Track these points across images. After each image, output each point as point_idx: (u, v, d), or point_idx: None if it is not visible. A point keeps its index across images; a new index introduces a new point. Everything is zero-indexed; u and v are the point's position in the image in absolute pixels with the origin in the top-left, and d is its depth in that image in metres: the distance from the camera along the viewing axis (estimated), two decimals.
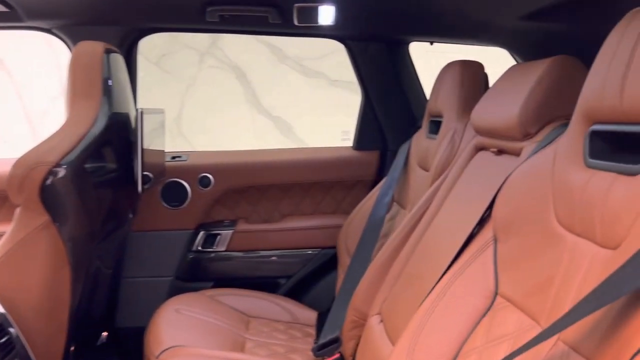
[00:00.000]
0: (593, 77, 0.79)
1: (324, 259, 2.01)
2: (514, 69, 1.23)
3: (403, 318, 1.17)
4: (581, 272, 0.75)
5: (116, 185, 1.60)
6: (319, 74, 4.88)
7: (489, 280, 0.96)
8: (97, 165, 1.46)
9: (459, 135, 1.43)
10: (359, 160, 2.03)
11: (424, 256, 1.23)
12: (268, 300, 1.91)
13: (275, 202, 2.04)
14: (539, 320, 0.81)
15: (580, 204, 0.77)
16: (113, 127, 1.49)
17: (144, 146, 1.54)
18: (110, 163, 1.54)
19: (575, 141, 0.83)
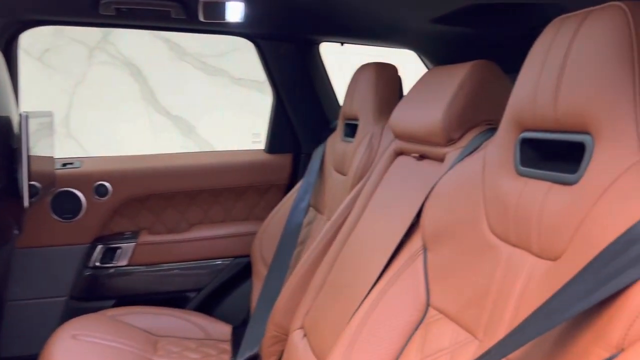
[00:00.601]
0: (523, 84, 0.78)
1: (236, 269, 1.91)
2: (431, 73, 1.21)
3: (330, 332, 1.11)
4: (519, 283, 0.73)
5: None
6: (221, 71, 4.73)
7: (420, 292, 0.93)
8: None
9: (377, 139, 1.41)
10: (272, 163, 1.96)
11: (348, 266, 1.19)
12: (177, 316, 1.77)
13: (181, 211, 1.91)
14: (476, 334, 0.78)
15: (514, 213, 0.76)
16: None
17: (29, 153, 1.35)
18: None
19: (505, 149, 0.82)
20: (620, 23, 0.63)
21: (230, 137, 4.56)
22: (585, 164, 0.66)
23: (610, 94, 0.63)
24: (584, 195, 0.64)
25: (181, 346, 1.64)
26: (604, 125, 0.63)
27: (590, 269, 0.57)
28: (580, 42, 0.67)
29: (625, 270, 0.53)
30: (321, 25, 1.78)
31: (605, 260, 0.55)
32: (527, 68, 0.78)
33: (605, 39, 0.64)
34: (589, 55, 0.66)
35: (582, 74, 0.66)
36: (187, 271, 1.90)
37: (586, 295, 0.55)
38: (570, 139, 0.69)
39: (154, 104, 4.70)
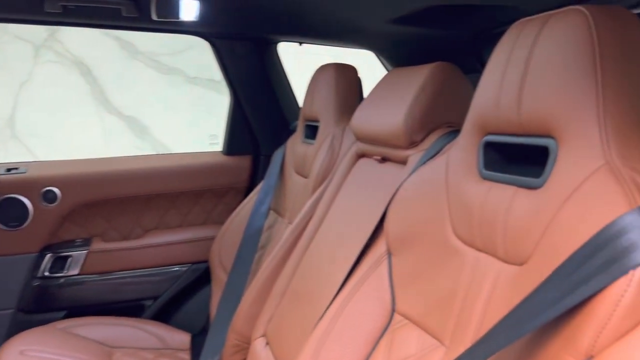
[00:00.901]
0: (485, 87, 0.77)
1: (194, 276, 1.85)
2: (392, 75, 1.20)
3: (293, 340, 1.09)
4: (485, 288, 0.72)
5: None
6: (175, 70, 4.61)
7: (385, 297, 0.91)
8: None
9: (338, 141, 1.39)
10: (230, 166, 1.91)
11: (312, 271, 1.16)
12: (132, 326, 1.71)
13: (135, 216, 1.83)
14: (443, 340, 0.78)
15: (479, 218, 0.75)
16: None
17: None
18: None
19: (468, 152, 0.81)
20: (582, 27, 0.63)
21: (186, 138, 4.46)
22: (549, 168, 0.66)
23: (573, 98, 0.63)
24: (549, 200, 0.64)
25: (138, 357, 1.58)
26: (568, 130, 0.63)
27: (558, 275, 0.56)
28: (542, 46, 0.67)
29: (592, 277, 0.52)
30: (279, 24, 1.75)
31: (572, 266, 0.55)
32: (489, 71, 0.77)
33: (567, 43, 0.64)
34: (551, 59, 0.65)
35: (544, 78, 0.66)
36: (143, 279, 1.84)
37: (555, 302, 0.55)
38: (534, 143, 0.69)
39: (105, 104, 4.55)
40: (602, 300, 0.52)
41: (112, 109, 4.55)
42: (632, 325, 0.50)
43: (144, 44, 4.45)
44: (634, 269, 0.50)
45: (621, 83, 0.62)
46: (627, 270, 0.50)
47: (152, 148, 4.60)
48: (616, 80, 0.61)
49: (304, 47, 1.94)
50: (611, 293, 0.51)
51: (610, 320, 0.51)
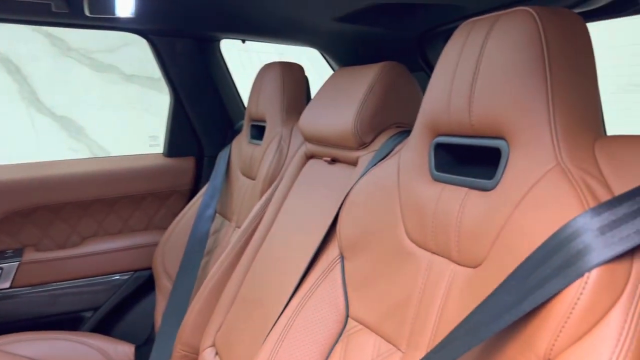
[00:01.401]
0: (436, 88, 0.77)
1: (137, 284, 1.77)
2: (339, 75, 1.19)
3: (245, 349, 1.05)
4: (440, 291, 0.72)
5: None
6: (111, 68, 4.43)
7: (339, 303, 0.90)
8: None
9: (286, 141, 1.36)
10: (172, 168, 1.84)
11: (262, 277, 1.13)
12: (72, 340, 1.61)
13: (72, 223, 1.74)
14: (399, 345, 0.77)
15: (432, 220, 0.74)
16: None
17: None
18: None
19: (419, 154, 0.81)
20: (530, 29, 0.63)
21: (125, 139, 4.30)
22: (501, 169, 0.66)
23: (524, 100, 0.63)
24: (502, 202, 0.64)
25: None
26: (519, 132, 0.63)
27: (515, 278, 0.56)
28: (492, 47, 0.67)
29: (549, 281, 0.52)
30: (221, 21, 1.69)
31: (529, 269, 0.55)
32: (439, 72, 0.77)
33: (516, 44, 0.64)
34: (501, 61, 0.65)
35: (495, 79, 0.66)
36: (81, 289, 1.74)
37: (512, 306, 0.54)
38: (485, 144, 0.68)
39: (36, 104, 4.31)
40: (559, 303, 0.52)
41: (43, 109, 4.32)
42: (588, 328, 0.50)
43: (76, 41, 4.24)
44: (588, 272, 0.50)
45: (569, 84, 0.62)
46: (582, 272, 0.50)
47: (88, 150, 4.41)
48: (565, 81, 0.62)
49: (248, 44, 1.90)
50: (567, 296, 0.51)
51: (567, 323, 0.51)
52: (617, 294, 0.50)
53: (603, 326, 0.49)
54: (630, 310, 0.49)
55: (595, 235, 0.51)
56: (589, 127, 0.62)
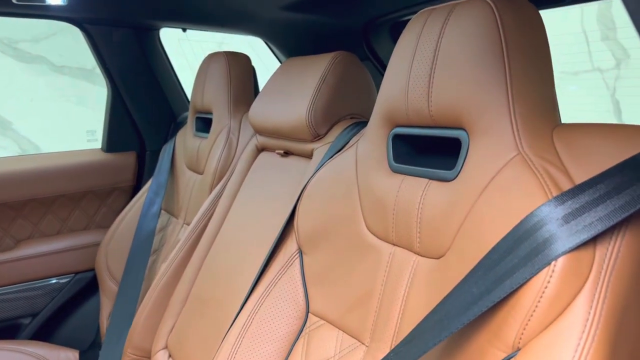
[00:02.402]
0: (392, 79, 0.76)
1: (78, 287, 1.68)
2: (289, 65, 1.16)
3: (200, 350, 1.02)
4: (403, 283, 0.72)
5: None
6: (39, 58, 4.18)
7: (299, 298, 0.88)
8: None
9: (235, 134, 1.32)
10: (112, 163, 1.75)
11: (216, 275, 1.09)
12: (9, 349, 1.51)
13: (4, 226, 1.62)
14: (362, 339, 0.76)
15: (393, 212, 0.74)
16: None
17: None
18: None
19: (376, 145, 0.80)
20: (488, 19, 0.63)
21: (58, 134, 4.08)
22: (462, 159, 0.66)
23: (483, 90, 0.63)
24: (464, 192, 0.64)
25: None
26: (479, 122, 0.63)
27: (481, 268, 0.56)
28: (449, 37, 0.66)
29: (516, 270, 0.53)
30: (160, 9, 1.62)
31: (495, 259, 0.55)
32: (395, 62, 0.76)
33: (473, 35, 0.64)
34: (459, 51, 0.65)
35: (453, 70, 0.65)
36: (17, 294, 1.63)
37: (481, 297, 0.54)
38: (445, 135, 0.68)
39: None
40: (527, 292, 0.52)
41: None
42: (556, 315, 0.51)
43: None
44: (555, 260, 0.51)
45: (527, 73, 0.63)
46: (549, 261, 0.51)
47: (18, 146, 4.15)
48: (523, 71, 0.62)
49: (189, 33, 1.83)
50: (535, 284, 0.52)
51: (535, 311, 0.51)
52: (582, 280, 0.51)
53: (570, 312, 0.50)
54: (595, 295, 0.50)
55: (559, 224, 0.52)
56: (547, 115, 0.62)
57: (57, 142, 3.94)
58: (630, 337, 0.51)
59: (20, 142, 4.20)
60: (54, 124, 4.16)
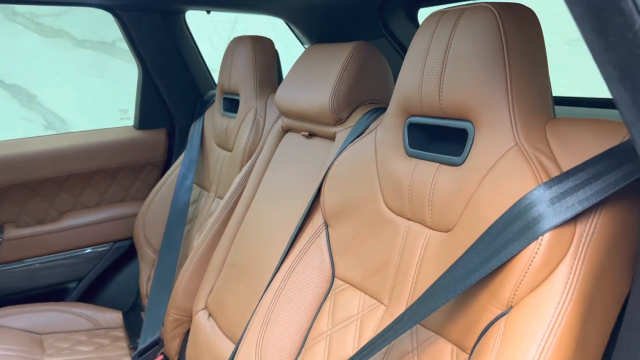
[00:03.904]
0: (408, 73, 0.86)
1: (118, 254, 1.84)
2: (312, 51, 1.26)
3: (238, 311, 1.16)
4: (417, 252, 0.83)
5: None
6: (60, 32, 4.28)
7: (326, 265, 1.00)
8: None
9: (262, 115, 1.43)
10: (145, 140, 1.88)
11: (249, 244, 1.22)
12: (59, 310, 1.68)
13: (50, 199, 1.77)
14: (382, 300, 0.88)
15: (408, 191, 0.85)
16: None
17: None
18: None
19: (393, 132, 0.90)
20: (491, 24, 0.73)
21: (80, 106, 4.21)
22: (468, 148, 0.76)
23: (486, 88, 0.73)
24: (469, 176, 0.75)
25: (71, 341, 1.57)
26: (483, 115, 0.74)
27: (482, 242, 0.68)
28: (458, 40, 0.76)
29: (510, 243, 0.64)
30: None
31: (494, 234, 0.66)
32: (410, 59, 0.85)
33: (479, 39, 0.73)
34: (466, 52, 0.75)
35: (461, 69, 0.75)
36: (64, 262, 1.79)
37: (482, 265, 0.66)
38: (453, 125, 0.79)
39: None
40: (519, 261, 0.64)
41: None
42: (541, 280, 0.62)
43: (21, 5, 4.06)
44: (542, 235, 0.62)
45: (525, 72, 0.72)
46: (537, 236, 0.62)
47: (43, 118, 4.30)
48: (521, 70, 0.72)
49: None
50: (525, 255, 0.63)
51: (525, 276, 0.63)
52: (564, 252, 0.62)
53: (553, 278, 0.62)
54: (574, 264, 0.61)
55: (547, 205, 0.63)
56: (541, 110, 0.73)
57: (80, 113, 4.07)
58: (604, 298, 0.63)
59: (45, 114, 4.34)
60: (77, 96, 4.29)
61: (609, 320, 0.64)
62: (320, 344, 0.94)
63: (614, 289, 0.64)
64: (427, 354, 0.76)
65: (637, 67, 0.41)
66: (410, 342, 0.79)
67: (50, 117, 4.29)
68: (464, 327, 0.71)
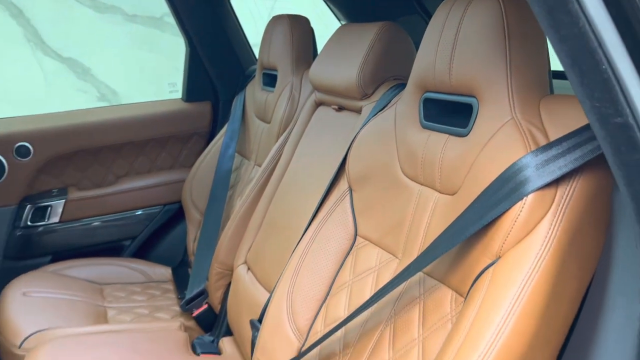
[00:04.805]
0: (424, 54, 0.96)
1: (168, 215, 2.03)
2: (343, 30, 1.36)
3: (272, 264, 1.30)
4: (427, 213, 0.95)
5: None
6: (112, 8, 4.49)
7: (349, 225, 1.13)
8: None
9: (297, 89, 1.55)
10: (192, 112, 2.04)
11: (283, 207, 1.36)
12: (116, 264, 1.89)
13: (107, 165, 1.96)
14: (396, 254, 1.01)
15: (422, 159, 0.96)
16: None
17: None
18: None
19: (411, 106, 1.01)
20: (495, 12, 0.82)
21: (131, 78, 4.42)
22: (472, 120, 0.86)
23: (489, 68, 0.83)
24: (473, 145, 0.85)
25: (127, 291, 1.77)
26: (485, 92, 0.84)
27: (479, 201, 0.79)
28: (466, 26, 0.86)
29: (501, 202, 0.75)
30: None
31: (488, 195, 0.77)
32: (426, 42, 0.96)
33: (484, 25, 0.83)
34: (473, 37, 0.85)
35: (468, 51, 0.85)
36: (120, 222, 1.99)
37: (476, 220, 0.77)
38: (461, 101, 0.89)
39: (42, 47, 4.40)
40: (507, 218, 0.74)
41: (49, 51, 4.41)
42: (525, 234, 0.73)
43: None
44: (526, 196, 0.72)
45: (524, 55, 0.82)
46: (522, 197, 0.72)
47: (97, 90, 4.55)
48: (521, 53, 0.82)
49: None
50: (512, 213, 0.74)
51: (511, 231, 0.74)
52: (545, 211, 0.72)
53: (534, 233, 0.72)
54: (553, 222, 0.72)
55: (533, 170, 0.73)
56: (537, 88, 0.82)
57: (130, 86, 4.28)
58: (580, 253, 0.73)
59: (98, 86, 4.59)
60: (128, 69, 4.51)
61: (585, 272, 0.75)
62: (342, 292, 1.08)
63: (589, 246, 0.74)
64: (432, 299, 0.88)
65: (583, 56, 0.51)
66: (418, 289, 0.92)
67: (103, 89, 4.54)
68: (461, 275, 0.83)
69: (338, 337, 1.02)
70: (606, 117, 0.51)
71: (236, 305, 1.41)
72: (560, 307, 0.74)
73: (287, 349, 1.10)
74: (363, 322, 0.98)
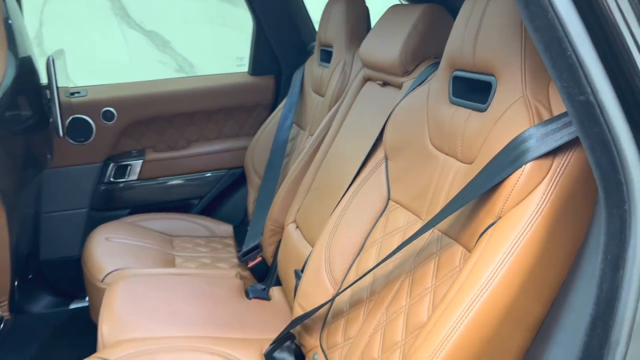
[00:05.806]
0: (455, 33, 1.06)
1: (232, 179, 2.23)
2: (392, 11, 1.47)
3: (317, 223, 1.46)
4: (448, 180, 1.06)
5: (33, 130, 1.65)
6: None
7: (383, 189, 1.26)
8: (15, 113, 1.50)
9: (349, 65, 1.67)
10: (256, 85, 2.21)
11: (329, 172, 1.51)
12: (185, 220, 2.11)
13: (180, 130, 2.18)
14: (421, 216, 1.13)
15: (447, 131, 1.07)
16: (22, 72, 1.52)
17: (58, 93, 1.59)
18: (25, 110, 1.57)
19: (442, 84, 1.11)
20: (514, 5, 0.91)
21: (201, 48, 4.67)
22: (490, 97, 0.96)
23: (506, 50, 0.92)
24: (489, 119, 0.95)
25: (193, 243, 1.99)
26: (503, 71, 0.93)
27: (487, 167, 0.89)
28: (489, 14, 0.95)
29: (504, 169, 0.85)
30: None
31: (496, 162, 0.88)
32: (459, 20, 1.05)
33: (504, 14, 0.92)
34: (494, 22, 0.94)
35: (490, 35, 0.95)
36: (189, 182, 2.22)
37: (484, 184, 0.88)
38: (482, 79, 0.99)
39: (127, 19, 4.74)
40: (508, 183, 0.85)
41: (133, 24, 4.74)
42: (523, 197, 0.83)
43: None
44: (525, 164, 0.82)
45: None
46: (522, 165, 0.83)
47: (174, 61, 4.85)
48: None
49: None
50: (513, 179, 0.84)
51: (510, 195, 0.84)
52: (541, 177, 0.82)
53: (531, 195, 0.82)
54: (547, 188, 0.81)
55: (534, 142, 0.83)
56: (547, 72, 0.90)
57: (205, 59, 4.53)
58: (570, 218, 0.82)
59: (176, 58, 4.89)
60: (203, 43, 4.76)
61: (576, 238, 0.84)
62: (373, 248, 1.21)
63: (579, 213, 0.83)
64: (445, 254, 1.00)
65: (553, 44, 0.61)
66: (436, 246, 1.04)
67: (181, 62, 4.83)
68: (470, 233, 0.94)
69: (366, 285, 1.16)
70: (572, 95, 0.61)
71: (285, 259, 1.59)
72: (551, 267, 0.84)
73: (324, 295, 1.26)
74: (388, 272, 1.12)
